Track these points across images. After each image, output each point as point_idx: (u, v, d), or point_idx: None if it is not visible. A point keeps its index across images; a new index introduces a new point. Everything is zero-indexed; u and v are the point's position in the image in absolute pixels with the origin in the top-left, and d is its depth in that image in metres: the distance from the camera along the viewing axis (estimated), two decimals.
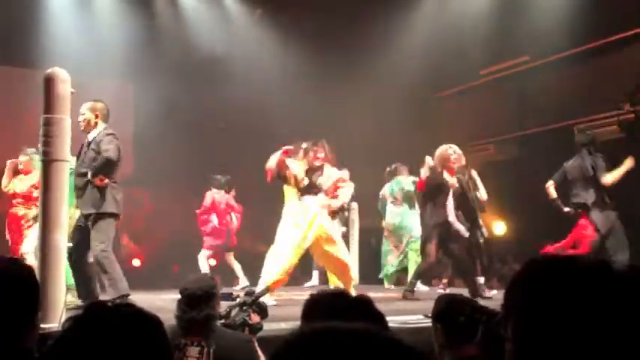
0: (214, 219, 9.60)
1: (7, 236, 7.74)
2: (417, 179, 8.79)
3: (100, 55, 10.98)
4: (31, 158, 7.45)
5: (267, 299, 6.28)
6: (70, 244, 6.10)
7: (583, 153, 7.71)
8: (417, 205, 9.34)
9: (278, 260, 6.65)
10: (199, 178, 10.17)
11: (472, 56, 11.48)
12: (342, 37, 11.78)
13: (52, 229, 4.60)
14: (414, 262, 9.17)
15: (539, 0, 10.64)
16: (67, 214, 4.86)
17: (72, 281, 6.15)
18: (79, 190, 5.93)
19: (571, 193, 7.76)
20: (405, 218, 9.41)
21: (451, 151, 7.79)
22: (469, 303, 2.82)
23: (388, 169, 9.70)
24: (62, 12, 11.10)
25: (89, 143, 6.01)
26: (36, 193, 7.38)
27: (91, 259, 6.20)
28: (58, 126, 4.70)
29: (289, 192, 7.11)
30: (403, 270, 9.51)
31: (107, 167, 5.89)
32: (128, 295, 5.76)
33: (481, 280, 7.86)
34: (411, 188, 9.29)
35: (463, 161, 7.96)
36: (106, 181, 5.85)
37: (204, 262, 9.55)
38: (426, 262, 7.78)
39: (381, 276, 9.63)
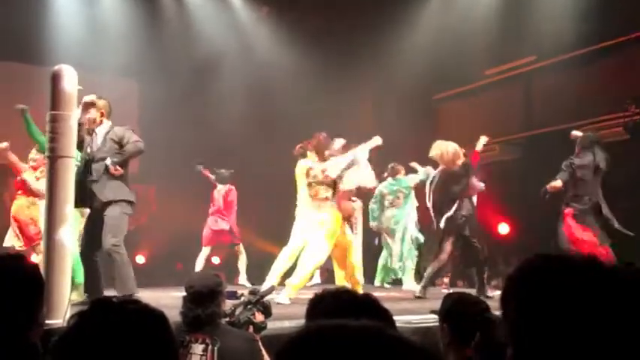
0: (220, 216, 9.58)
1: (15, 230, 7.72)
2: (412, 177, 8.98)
3: (105, 52, 10.99)
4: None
5: (284, 298, 6.34)
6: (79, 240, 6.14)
7: (595, 149, 7.63)
8: (412, 202, 9.38)
9: (308, 263, 6.73)
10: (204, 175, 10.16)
11: (478, 56, 11.46)
12: (349, 36, 11.77)
13: (57, 226, 4.61)
14: (411, 261, 9.26)
15: (547, 0, 10.62)
16: (72, 210, 4.86)
17: (79, 279, 6.17)
18: (94, 179, 5.91)
19: (577, 192, 7.66)
20: (401, 219, 9.41)
21: (451, 148, 7.83)
22: (477, 303, 2.80)
23: (387, 171, 9.67)
24: (67, 8, 11.11)
25: (104, 136, 6.03)
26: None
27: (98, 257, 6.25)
28: (65, 123, 4.72)
29: (303, 192, 7.16)
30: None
31: (133, 157, 6.13)
32: (135, 294, 5.76)
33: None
34: (411, 184, 9.33)
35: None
36: (121, 170, 5.88)
37: (203, 261, 9.48)
38: (441, 259, 7.76)
39: (377, 284, 9.57)
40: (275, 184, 10.42)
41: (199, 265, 9.39)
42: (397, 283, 9.55)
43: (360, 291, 6.41)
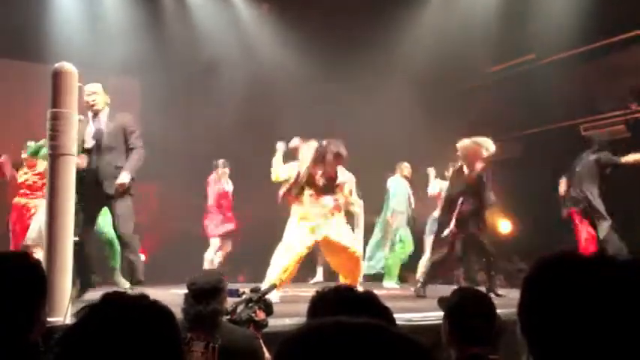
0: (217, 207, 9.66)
1: (12, 227, 7.75)
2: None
3: (105, 50, 10.98)
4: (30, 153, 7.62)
5: (273, 295, 6.35)
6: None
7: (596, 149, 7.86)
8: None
9: (282, 259, 6.74)
10: (205, 173, 10.17)
11: (479, 54, 11.45)
12: (349, 34, 11.76)
13: (59, 223, 4.60)
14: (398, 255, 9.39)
15: None
16: (73, 208, 4.86)
17: (116, 262, 6.80)
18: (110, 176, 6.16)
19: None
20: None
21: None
22: (482, 300, 2.78)
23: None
24: (68, 6, 11.11)
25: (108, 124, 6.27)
26: (40, 183, 7.44)
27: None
28: (65, 120, 4.71)
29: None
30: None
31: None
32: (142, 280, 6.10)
33: None
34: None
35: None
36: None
37: (214, 256, 9.53)
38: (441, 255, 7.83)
39: (376, 270, 9.58)
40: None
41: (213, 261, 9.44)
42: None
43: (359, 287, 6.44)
